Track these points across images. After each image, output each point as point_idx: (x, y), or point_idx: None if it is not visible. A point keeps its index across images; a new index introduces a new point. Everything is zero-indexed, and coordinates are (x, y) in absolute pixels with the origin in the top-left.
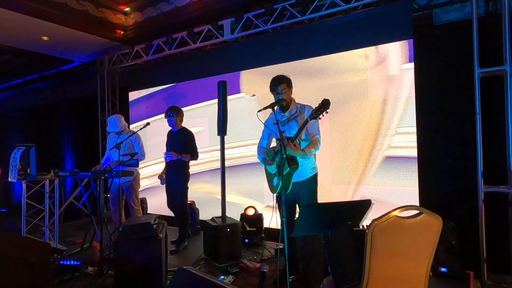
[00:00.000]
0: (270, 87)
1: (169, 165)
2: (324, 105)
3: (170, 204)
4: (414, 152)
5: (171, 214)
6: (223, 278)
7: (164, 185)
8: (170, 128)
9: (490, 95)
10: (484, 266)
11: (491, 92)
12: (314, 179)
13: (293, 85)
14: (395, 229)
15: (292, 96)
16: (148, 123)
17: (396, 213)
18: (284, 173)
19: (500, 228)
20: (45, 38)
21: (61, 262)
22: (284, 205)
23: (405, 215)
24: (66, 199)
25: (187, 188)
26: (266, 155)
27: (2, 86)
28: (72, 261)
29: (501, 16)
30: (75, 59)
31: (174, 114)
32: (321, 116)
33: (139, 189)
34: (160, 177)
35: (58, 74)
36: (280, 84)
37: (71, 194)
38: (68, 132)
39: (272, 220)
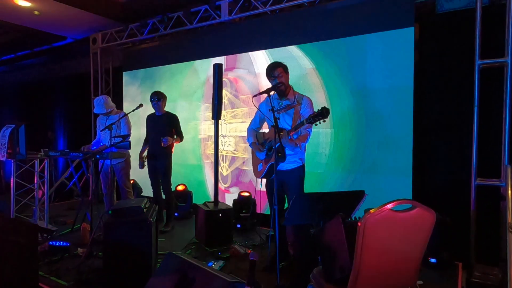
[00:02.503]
0: (266, 72)
1: (156, 147)
2: (323, 114)
3: (154, 184)
4: (409, 142)
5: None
6: (213, 264)
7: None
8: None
9: (489, 87)
10: (473, 258)
11: (491, 84)
12: (302, 169)
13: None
14: (388, 222)
15: (290, 84)
16: (141, 105)
17: (389, 206)
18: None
19: (491, 221)
20: (36, 12)
21: (51, 243)
22: (275, 193)
23: (399, 209)
24: (58, 179)
25: (171, 169)
26: (256, 139)
27: None
28: (61, 242)
29: (505, 6)
30: (68, 35)
31: (160, 98)
32: (317, 123)
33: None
34: (140, 161)
35: (50, 50)
36: (276, 68)
37: (63, 174)
38: (61, 110)
39: (265, 206)
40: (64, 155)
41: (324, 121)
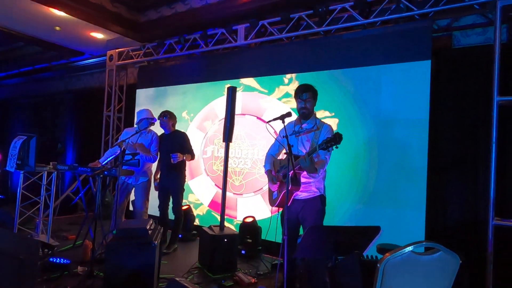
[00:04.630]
0: (296, 92)
1: (167, 167)
2: (336, 139)
3: (162, 206)
4: (423, 176)
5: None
6: None
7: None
8: (162, 132)
9: (507, 124)
10: None
11: (508, 121)
12: (320, 199)
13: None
14: (409, 265)
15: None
16: (152, 123)
17: (410, 248)
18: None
19: (509, 264)
20: (57, 28)
21: (50, 259)
22: (285, 221)
23: (421, 251)
24: (64, 192)
25: (184, 190)
26: (273, 166)
27: (12, 73)
28: (62, 259)
29: None
30: (86, 51)
31: (167, 116)
32: (330, 149)
33: None
34: (156, 182)
35: (67, 65)
36: (307, 92)
37: (69, 188)
38: (72, 124)
39: (271, 234)
40: (72, 170)
41: (336, 147)
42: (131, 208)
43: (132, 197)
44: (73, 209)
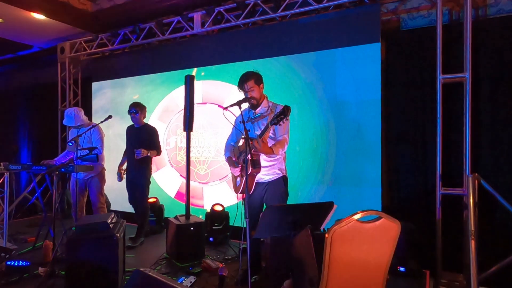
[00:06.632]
0: (238, 84)
1: (133, 160)
2: (284, 112)
3: (132, 200)
4: (378, 153)
5: (132, 210)
6: (184, 279)
7: (123, 180)
8: (131, 123)
9: (452, 101)
10: (439, 266)
11: (453, 98)
12: (282, 180)
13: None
14: (354, 233)
15: (264, 93)
16: (110, 116)
17: (356, 217)
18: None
19: (455, 229)
20: None
21: (8, 263)
22: (249, 206)
23: (365, 220)
24: (20, 194)
25: (150, 183)
26: (233, 153)
27: None
28: (21, 262)
29: (463, 25)
30: (34, 44)
31: (138, 110)
32: (281, 122)
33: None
34: (119, 173)
35: (15, 59)
36: (247, 82)
37: (25, 189)
38: (25, 122)
39: (238, 220)
40: (26, 169)
41: (287, 119)
42: None
43: None
44: (32, 210)
